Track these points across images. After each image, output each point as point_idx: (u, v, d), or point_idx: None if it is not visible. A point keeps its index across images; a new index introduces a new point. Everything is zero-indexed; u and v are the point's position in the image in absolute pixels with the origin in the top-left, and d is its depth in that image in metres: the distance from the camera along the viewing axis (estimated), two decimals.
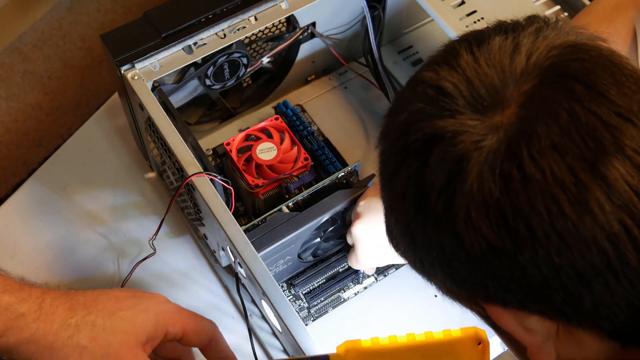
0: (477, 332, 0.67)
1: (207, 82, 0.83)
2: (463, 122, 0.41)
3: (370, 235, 0.74)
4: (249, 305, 0.80)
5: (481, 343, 0.67)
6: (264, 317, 0.80)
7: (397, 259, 0.76)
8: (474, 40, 0.45)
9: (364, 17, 0.87)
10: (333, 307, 0.81)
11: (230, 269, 0.82)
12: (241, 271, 0.72)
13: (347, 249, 0.82)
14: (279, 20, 0.83)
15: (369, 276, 0.83)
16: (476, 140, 0.41)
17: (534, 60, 0.42)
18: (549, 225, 0.39)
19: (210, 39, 0.78)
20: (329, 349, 0.65)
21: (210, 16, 0.78)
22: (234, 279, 0.77)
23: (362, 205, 0.75)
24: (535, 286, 0.41)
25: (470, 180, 0.40)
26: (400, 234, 0.47)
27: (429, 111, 0.43)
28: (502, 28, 0.45)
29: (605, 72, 0.41)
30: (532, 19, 0.46)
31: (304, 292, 0.82)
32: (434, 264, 0.45)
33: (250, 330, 0.78)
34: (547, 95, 0.41)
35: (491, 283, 0.43)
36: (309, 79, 0.96)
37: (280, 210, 0.77)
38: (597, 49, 0.43)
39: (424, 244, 0.44)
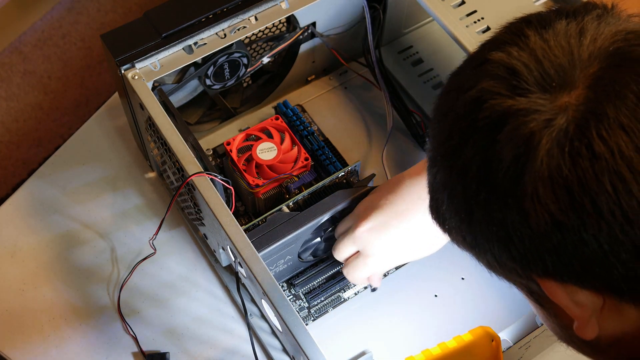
0: (486, 330, 0.68)
1: (208, 82, 0.83)
2: (533, 101, 0.43)
3: (381, 235, 0.73)
4: (249, 305, 0.80)
5: (494, 340, 0.67)
6: (264, 317, 0.80)
7: (407, 257, 0.76)
8: (538, 23, 0.47)
9: (364, 17, 0.87)
10: (333, 307, 0.81)
11: (230, 269, 0.82)
12: (241, 271, 0.72)
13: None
14: (279, 20, 0.83)
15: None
16: (547, 119, 0.42)
17: (599, 44, 0.44)
18: (615, 202, 0.41)
19: (211, 39, 0.78)
20: (329, 349, 0.65)
21: (210, 16, 0.78)
22: (234, 279, 0.78)
23: (364, 207, 0.74)
24: (595, 261, 0.43)
25: (540, 157, 0.42)
26: (453, 209, 0.48)
27: (499, 90, 0.44)
28: (563, 13, 0.47)
29: None
30: (589, 5, 0.48)
31: (304, 292, 0.82)
32: (490, 239, 0.46)
33: (250, 330, 0.78)
34: (614, 78, 0.43)
35: (550, 258, 0.44)
36: (309, 79, 0.96)
37: (280, 210, 0.77)
38: None
39: (484, 219, 0.46)
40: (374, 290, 0.82)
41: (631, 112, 0.41)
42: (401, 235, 0.73)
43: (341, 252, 0.76)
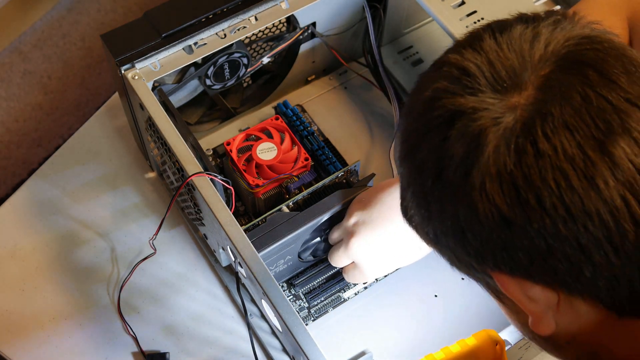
0: (490, 334, 0.68)
1: (208, 82, 0.83)
2: (483, 99, 0.45)
3: (371, 248, 0.74)
4: (249, 305, 0.80)
5: (498, 344, 0.67)
6: (264, 317, 0.80)
7: (401, 262, 0.76)
8: (497, 28, 0.48)
9: (364, 17, 0.87)
10: (333, 307, 0.81)
11: (230, 269, 0.82)
12: (241, 271, 0.72)
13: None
14: (279, 20, 0.83)
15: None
16: (495, 117, 0.44)
17: (551, 48, 0.46)
18: (558, 197, 0.42)
19: (211, 39, 0.78)
20: (329, 349, 0.65)
21: (210, 16, 0.78)
22: (234, 279, 0.78)
23: (352, 222, 0.75)
24: (540, 256, 0.44)
25: (487, 153, 0.44)
26: (415, 206, 0.50)
27: (453, 89, 0.46)
28: (524, 19, 0.49)
29: (617, 62, 0.45)
30: (551, 13, 0.49)
31: (304, 292, 0.82)
32: (447, 234, 0.48)
33: (250, 330, 0.78)
34: (562, 80, 0.44)
35: (500, 252, 0.45)
36: (309, 79, 0.96)
37: (280, 210, 0.77)
38: (611, 41, 0.47)
39: (439, 214, 0.47)
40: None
41: (576, 112, 0.42)
42: (391, 241, 0.74)
43: (337, 263, 0.78)
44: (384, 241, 0.74)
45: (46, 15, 1.78)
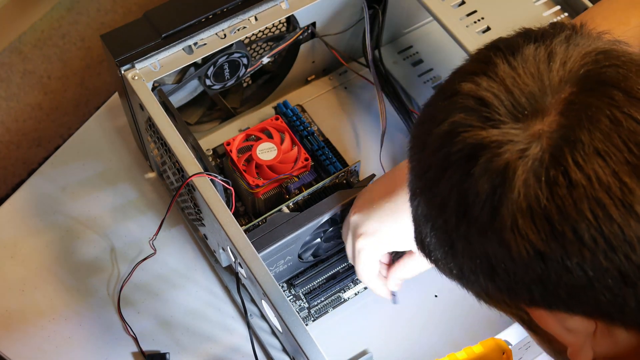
0: (497, 343, 0.68)
1: (207, 82, 0.83)
2: (506, 131, 0.42)
3: (377, 245, 0.73)
4: (249, 305, 0.80)
5: (505, 352, 0.67)
6: (264, 317, 0.80)
7: (405, 243, 0.75)
8: (506, 49, 0.46)
9: (364, 17, 0.87)
10: (333, 307, 0.81)
11: (230, 269, 0.82)
12: (241, 271, 0.72)
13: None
14: (279, 21, 0.83)
15: None
16: (521, 149, 0.42)
17: (569, 67, 0.44)
18: (596, 229, 0.40)
19: (211, 39, 0.78)
20: (329, 349, 0.65)
21: (210, 16, 0.78)
22: (234, 279, 0.78)
23: (355, 219, 0.73)
24: (581, 289, 0.42)
25: (516, 188, 0.41)
26: (437, 242, 0.48)
27: (471, 122, 0.44)
28: (531, 36, 0.47)
29: (639, 78, 0.43)
30: (557, 26, 0.47)
31: (304, 292, 0.82)
32: (475, 271, 0.46)
33: (251, 330, 0.78)
34: (586, 102, 0.42)
35: (536, 287, 0.43)
36: (309, 79, 0.96)
37: (280, 210, 0.77)
38: (628, 54, 0.45)
39: (466, 252, 0.45)
40: (395, 301, 0.80)
41: (605, 137, 0.41)
42: (394, 215, 0.71)
43: (347, 250, 0.76)
44: (389, 213, 0.71)
45: (46, 15, 1.78)
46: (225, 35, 0.79)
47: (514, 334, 0.73)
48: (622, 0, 0.72)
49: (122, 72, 0.76)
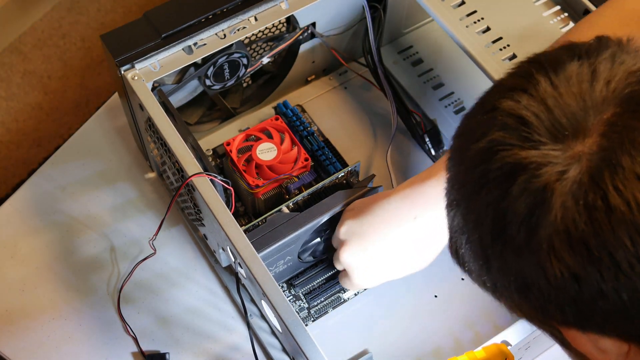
0: (500, 348, 0.68)
1: (207, 82, 0.83)
2: (546, 152, 0.42)
3: (361, 260, 0.74)
4: (248, 305, 0.80)
5: (507, 358, 0.67)
6: (264, 317, 0.80)
7: (394, 275, 0.76)
8: (549, 66, 0.45)
9: (364, 17, 0.87)
10: (333, 307, 0.81)
11: (230, 269, 0.82)
12: (241, 271, 0.72)
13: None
14: (279, 21, 0.83)
15: None
16: (560, 171, 0.41)
17: (613, 87, 0.43)
18: (633, 255, 0.40)
19: (210, 39, 0.78)
20: (329, 349, 0.65)
21: (210, 16, 0.78)
22: (234, 279, 0.78)
23: (343, 232, 0.74)
24: (615, 312, 0.42)
25: (554, 211, 0.41)
26: (472, 255, 0.48)
27: (510, 141, 0.43)
28: (575, 52, 0.46)
29: None
30: (603, 42, 0.46)
31: (304, 293, 0.82)
32: (509, 288, 0.46)
33: (250, 330, 0.78)
34: (629, 124, 0.41)
35: (570, 308, 0.43)
36: (309, 79, 0.96)
37: (280, 210, 0.77)
38: None
39: (501, 269, 0.45)
40: None
41: None
42: (381, 255, 0.73)
43: (336, 265, 0.78)
44: (373, 255, 0.73)
45: (46, 15, 1.78)
46: (225, 35, 0.79)
47: (514, 334, 0.73)
48: (633, 5, 0.70)
49: (122, 72, 0.76)
